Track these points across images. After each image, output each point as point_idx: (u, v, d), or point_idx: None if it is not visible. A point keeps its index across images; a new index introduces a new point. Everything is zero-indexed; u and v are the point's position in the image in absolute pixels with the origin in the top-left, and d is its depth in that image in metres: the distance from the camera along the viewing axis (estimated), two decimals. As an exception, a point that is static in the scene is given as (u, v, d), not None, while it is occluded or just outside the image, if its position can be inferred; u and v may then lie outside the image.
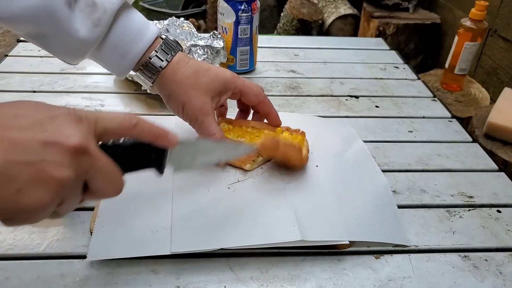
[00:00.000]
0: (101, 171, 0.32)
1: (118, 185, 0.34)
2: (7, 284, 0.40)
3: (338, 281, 0.43)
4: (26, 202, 0.28)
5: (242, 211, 0.48)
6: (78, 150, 0.30)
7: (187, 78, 0.52)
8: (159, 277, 0.42)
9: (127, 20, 0.51)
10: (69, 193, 0.31)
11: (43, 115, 0.30)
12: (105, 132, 0.33)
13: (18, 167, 0.27)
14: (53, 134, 0.29)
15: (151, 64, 0.52)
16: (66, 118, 0.30)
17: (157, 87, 0.54)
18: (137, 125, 0.35)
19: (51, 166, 0.28)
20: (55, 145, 0.29)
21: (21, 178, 0.27)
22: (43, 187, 0.28)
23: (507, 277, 0.44)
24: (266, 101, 0.56)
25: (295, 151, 0.51)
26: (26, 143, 0.28)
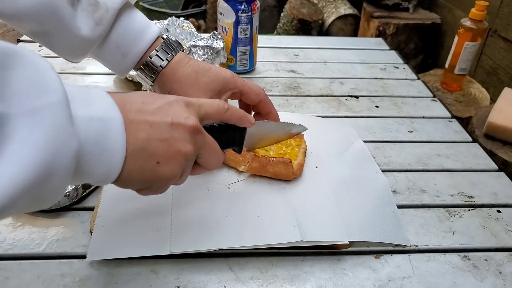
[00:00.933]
0: (209, 147, 0.39)
1: (221, 158, 0.41)
2: (7, 284, 0.40)
3: (338, 281, 0.43)
4: (163, 172, 0.34)
5: (242, 211, 0.48)
6: (195, 129, 0.36)
7: (187, 77, 0.52)
8: (159, 277, 0.42)
9: (128, 20, 0.51)
10: (188, 165, 0.37)
11: (161, 102, 0.35)
12: (207, 116, 0.39)
13: (157, 143, 0.34)
14: (175, 116, 0.35)
15: (151, 63, 0.52)
16: (179, 104, 0.36)
17: (157, 86, 0.54)
18: (228, 110, 0.41)
19: (179, 142, 0.35)
20: (179, 126, 0.35)
21: (159, 152, 0.34)
22: (174, 159, 0.35)
23: (507, 277, 0.44)
24: (266, 100, 0.57)
25: (284, 167, 0.51)
26: (158, 124, 0.34)
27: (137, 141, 0.32)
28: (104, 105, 0.31)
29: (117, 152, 0.31)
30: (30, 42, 0.86)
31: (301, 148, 0.56)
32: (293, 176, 0.52)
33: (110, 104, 0.31)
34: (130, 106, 0.33)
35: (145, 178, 0.34)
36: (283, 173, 0.51)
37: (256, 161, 0.51)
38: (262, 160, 0.51)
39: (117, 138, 0.31)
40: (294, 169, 0.51)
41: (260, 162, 0.51)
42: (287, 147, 0.56)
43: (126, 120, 0.32)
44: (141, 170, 0.33)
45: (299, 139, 0.57)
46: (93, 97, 0.31)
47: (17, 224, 0.47)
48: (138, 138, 0.32)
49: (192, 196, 0.50)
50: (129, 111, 0.33)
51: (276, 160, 0.51)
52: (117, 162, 0.31)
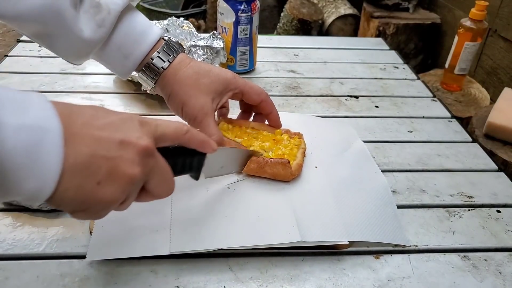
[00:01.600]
0: (160, 172, 0.36)
1: (171, 186, 0.38)
2: (6, 284, 0.40)
3: (338, 281, 0.43)
4: (103, 195, 0.31)
5: (242, 211, 0.48)
6: (147, 151, 0.33)
7: (188, 78, 0.52)
8: (159, 277, 0.42)
9: (130, 22, 0.51)
10: (134, 190, 0.34)
11: (113, 117, 0.33)
12: (163, 137, 0.36)
13: (100, 161, 0.30)
14: (126, 134, 0.32)
15: (153, 65, 0.52)
16: (132, 121, 0.34)
17: (159, 87, 0.54)
18: (187, 132, 0.39)
19: (126, 163, 0.32)
20: (129, 144, 0.32)
21: (101, 171, 0.31)
22: (118, 182, 0.32)
23: (506, 277, 0.44)
24: (268, 100, 0.57)
25: (282, 168, 0.51)
26: (106, 140, 0.31)
27: (77, 156, 0.29)
28: (41, 114, 0.28)
29: (51, 166, 0.28)
30: (29, 42, 0.86)
31: (300, 148, 0.56)
32: (292, 177, 0.52)
33: (48, 112, 0.29)
34: (76, 117, 0.31)
35: (82, 198, 0.31)
36: (281, 174, 0.51)
37: (254, 162, 0.51)
38: (260, 161, 0.51)
39: (52, 150, 0.28)
40: (292, 170, 0.51)
41: (258, 163, 0.51)
42: (286, 147, 0.56)
43: (67, 132, 0.29)
44: (79, 189, 0.30)
45: (299, 139, 0.57)
46: (29, 103, 0.28)
47: (17, 224, 0.47)
48: (80, 152, 0.29)
49: (191, 196, 0.50)
50: (74, 122, 0.30)
51: (274, 161, 0.51)
52: (51, 177, 0.28)
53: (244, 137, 0.56)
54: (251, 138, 0.56)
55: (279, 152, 0.54)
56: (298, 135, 0.59)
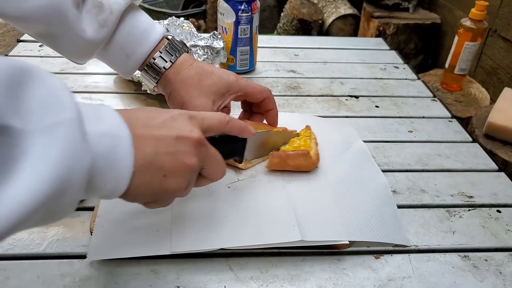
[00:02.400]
0: (213, 158, 0.40)
1: (224, 169, 0.42)
2: (7, 284, 0.40)
3: (338, 281, 0.43)
4: (170, 185, 0.35)
5: (242, 211, 0.48)
6: (199, 142, 0.37)
7: (190, 79, 0.52)
8: (159, 277, 0.42)
9: (133, 21, 0.51)
10: (193, 177, 0.38)
11: (165, 116, 0.36)
12: (209, 128, 0.40)
13: (163, 157, 0.34)
14: (180, 130, 0.36)
15: (154, 64, 0.52)
16: (182, 117, 0.37)
17: (160, 86, 0.55)
18: (229, 122, 0.42)
19: (184, 155, 0.36)
20: (184, 139, 0.36)
21: (166, 166, 0.35)
22: (180, 172, 0.36)
23: (507, 277, 0.44)
24: (271, 97, 0.57)
25: (304, 159, 0.52)
26: (164, 139, 0.35)
27: (144, 156, 0.33)
28: (113, 121, 0.32)
29: (125, 167, 0.32)
30: (29, 42, 0.87)
31: (312, 139, 0.57)
32: (313, 166, 0.53)
33: (118, 120, 0.32)
34: (136, 121, 0.34)
35: (152, 191, 0.35)
36: (303, 165, 0.52)
37: (276, 156, 0.52)
38: (282, 155, 0.52)
39: (125, 154, 0.31)
40: (313, 159, 0.53)
41: (280, 157, 0.52)
42: (300, 139, 0.57)
43: (133, 135, 0.32)
44: (149, 184, 0.34)
45: (308, 131, 0.59)
46: (102, 113, 0.31)
47: (17, 224, 0.47)
48: (145, 152, 0.33)
49: (192, 196, 0.49)
50: (136, 126, 0.33)
51: (295, 153, 0.52)
52: (125, 177, 0.32)
53: None
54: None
55: (295, 145, 0.56)
56: (306, 126, 0.60)
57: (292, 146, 0.55)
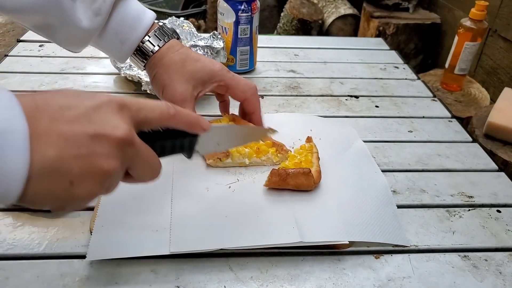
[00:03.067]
0: (142, 160, 0.34)
1: (157, 171, 0.36)
2: (6, 284, 0.40)
3: (338, 281, 0.43)
4: (78, 193, 0.29)
5: (242, 211, 0.48)
6: (124, 142, 0.31)
7: (174, 64, 0.53)
8: (159, 277, 0.42)
9: (125, 8, 0.53)
10: (113, 181, 0.32)
11: (87, 105, 0.30)
12: (146, 121, 0.34)
13: (71, 161, 0.28)
14: (100, 126, 0.30)
15: (143, 48, 0.53)
16: (109, 107, 0.31)
17: (147, 69, 0.56)
18: (175, 115, 0.36)
19: (100, 158, 0.29)
20: (103, 138, 0.30)
21: (73, 171, 0.29)
22: (93, 178, 0.30)
23: (506, 277, 0.44)
24: (252, 100, 0.56)
25: (305, 178, 0.49)
26: (76, 137, 0.29)
27: (44, 159, 0.27)
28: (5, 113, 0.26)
29: (15, 172, 0.26)
30: (30, 42, 0.87)
31: (314, 153, 0.55)
32: (314, 185, 0.51)
33: (13, 112, 0.27)
34: (42, 113, 0.28)
35: (56, 199, 0.29)
36: (304, 184, 0.50)
37: (275, 175, 0.49)
38: (282, 173, 0.49)
39: (16, 155, 0.26)
40: (314, 178, 0.50)
41: (280, 176, 0.49)
42: (300, 154, 0.55)
43: (33, 132, 0.27)
44: (50, 191, 0.28)
45: (310, 144, 0.57)
46: None
47: (17, 224, 0.47)
48: (47, 155, 0.27)
49: (191, 196, 0.50)
50: (40, 119, 0.28)
51: (296, 171, 0.49)
52: (16, 184, 0.27)
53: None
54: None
55: (295, 161, 0.54)
56: (308, 138, 0.59)
57: (293, 162, 0.54)
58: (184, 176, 0.52)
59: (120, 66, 0.72)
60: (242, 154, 0.54)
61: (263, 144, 0.56)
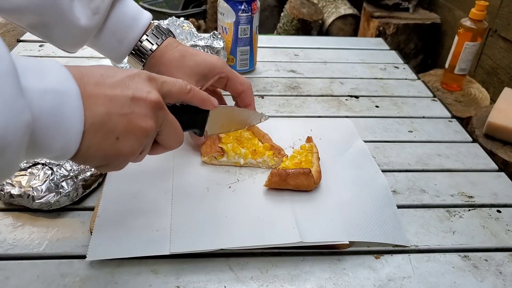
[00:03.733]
0: (170, 125, 0.38)
1: (181, 138, 0.40)
2: (7, 284, 0.40)
3: (338, 281, 0.43)
4: (123, 148, 0.34)
5: (242, 211, 0.48)
6: (157, 105, 0.35)
7: (174, 61, 0.53)
8: (159, 277, 0.42)
9: (122, 7, 0.53)
10: (149, 142, 0.37)
11: (122, 75, 0.34)
12: (168, 94, 0.38)
13: (116, 119, 0.33)
14: (136, 90, 0.34)
15: (142, 47, 0.54)
16: (140, 77, 0.35)
17: (146, 69, 0.55)
18: (190, 91, 0.41)
19: (139, 117, 0.34)
20: (140, 100, 0.34)
21: (119, 128, 0.33)
22: (135, 135, 0.34)
23: (507, 277, 0.44)
24: (249, 92, 0.57)
25: (305, 178, 0.49)
26: (118, 99, 0.33)
27: (95, 116, 0.31)
28: (59, 77, 0.30)
29: (74, 126, 0.30)
30: (30, 42, 0.86)
31: (314, 153, 0.55)
32: (315, 185, 0.51)
33: (65, 76, 0.30)
34: (88, 78, 0.32)
35: (104, 154, 0.33)
36: (304, 184, 0.50)
37: (275, 175, 0.49)
38: (282, 173, 0.49)
39: (74, 112, 0.30)
40: (314, 178, 0.50)
41: (280, 176, 0.49)
42: (301, 154, 0.55)
43: (83, 93, 0.31)
44: (100, 145, 0.32)
45: (310, 144, 0.57)
46: (47, 69, 0.30)
47: (17, 224, 0.47)
48: (97, 112, 0.31)
49: (191, 196, 0.50)
50: (87, 84, 0.32)
51: (296, 172, 0.49)
52: (75, 137, 0.30)
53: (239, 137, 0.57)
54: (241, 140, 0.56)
55: (296, 161, 0.54)
56: (308, 138, 0.59)
57: (293, 162, 0.53)
58: (184, 176, 0.52)
59: (120, 67, 0.72)
60: (238, 154, 0.54)
61: (260, 146, 0.56)
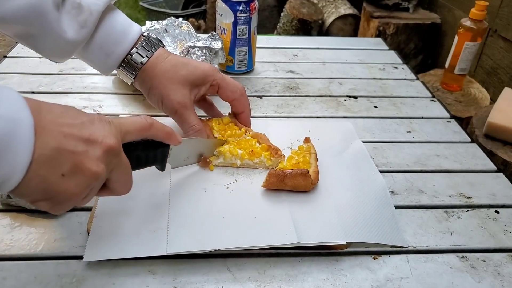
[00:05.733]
0: (122, 171, 0.37)
1: (130, 185, 0.40)
2: (4, 284, 0.40)
3: (336, 282, 0.43)
4: (67, 186, 0.33)
5: (239, 212, 0.48)
6: (112, 150, 0.35)
7: (166, 72, 0.53)
8: (156, 277, 0.42)
9: (112, 21, 0.53)
10: (96, 186, 0.35)
11: (83, 118, 0.35)
12: (128, 134, 0.38)
13: (66, 155, 0.32)
14: (94, 133, 0.34)
15: (132, 60, 0.54)
16: (101, 122, 0.35)
17: (138, 82, 0.56)
18: (152, 127, 0.41)
19: (91, 160, 0.33)
20: (95, 143, 0.34)
21: (66, 165, 0.32)
22: (81, 177, 0.33)
23: (505, 278, 0.44)
24: (241, 100, 0.57)
25: (302, 179, 0.49)
26: (73, 136, 0.33)
27: (45, 148, 0.31)
28: (14, 106, 0.30)
29: (21, 155, 0.30)
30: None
31: (312, 154, 0.55)
32: (312, 186, 0.51)
33: (21, 106, 0.31)
34: (46, 113, 0.32)
35: (45, 188, 0.32)
36: (302, 185, 0.50)
37: (273, 175, 0.49)
38: (280, 174, 0.49)
39: (23, 141, 0.30)
40: (312, 179, 0.50)
41: (278, 177, 0.49)
42: (298, 155, 0.55)
43: (37, 125, 0.31)
44: (44, 179, 0.32)
45: (308, 144, 0.57)
46: (3, 96, 0.30)
47: (15, 224, 0.47)
48: (48, 144, 0.31)
49: (189, 197, 0.50)
50: (44, 117, 0.32)
51: (294, 172, 0.49)
52: (21, 166, 0.30)
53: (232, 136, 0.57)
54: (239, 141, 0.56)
55: (293, 162, 0.54)
56: (306, 139, 0.59)
57: (290, 163, 0.53)
58: (181, 176, 0.52)
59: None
60: (235, 155, 0.54)
61: (258, 147, 0.56)
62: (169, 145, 0.45)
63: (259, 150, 0.55)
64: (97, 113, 0.37)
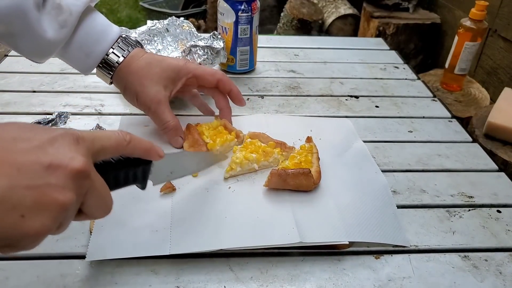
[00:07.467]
0: (97, 194, 0.32)
1: (109, 207, 0.34)
2: (6, 284, 0.40)
3: (338, 281, 0.43)
4: (30, 228, 0.27)
5: (241, 212, 0.48)
6: (80, 173, 0.29)
7: (141, 69, 0.54)
8: (159, 277, 0.42)
9: (91, 22, 0.54)
10: (69, 216, 0.30)
11: (42, 137, 0.29)
12: (103, 151, 0.33)
13: (22, 192, 0.27)
14: (55, 157, 0.28)
15: (108, 60, 0.54)
16: (65, 140, 0.30)
17: (115, 81, 0.57)
18: (130, 142, 0.35)
19: (54, 190, 0.28)
20: (58, 169, 0.28)
21: (25, 203, 0.27)
22: (47, 212, 0.28)
23: (507, 277, 0.44)
24: (224, 79, 0.57)
25: (305, 178, 0.49)
26: (29, 167, 0.27)
27: None
28: None
29: None
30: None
31: (314, 153, 0.55)
32: (314, 186, 0.51)
33: None
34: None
35: (5, 234, 0.27)
36: (304, 184, 0.50)
37: (275, 175, 0.49)
38: (282, 174, 0.49)
39: None
40: (314, 179, 0.50)
41: (280, 176, 0.49)
42: (300, 155, 0.55)
43: None
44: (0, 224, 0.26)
45: (310, 144, 0.57)
46: None
47: (17, 224, 0.46)
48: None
49: (191, 197, 0.50)
50: None
51: (296, 172, 0.49)
52: None
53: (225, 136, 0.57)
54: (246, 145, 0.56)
55: (295, 161, 0.54)
56: (308, 138, 0.59)
57: (293, 163, 0.53)
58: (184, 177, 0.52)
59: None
60: (251, 160, 0.53)
61: (266, 146, 0.56)
62: (151, 161, 0.39)
63: (270, 149, 0.56)
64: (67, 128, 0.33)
